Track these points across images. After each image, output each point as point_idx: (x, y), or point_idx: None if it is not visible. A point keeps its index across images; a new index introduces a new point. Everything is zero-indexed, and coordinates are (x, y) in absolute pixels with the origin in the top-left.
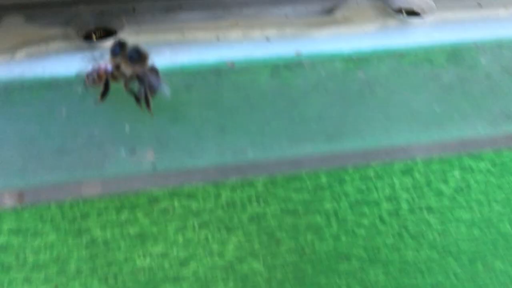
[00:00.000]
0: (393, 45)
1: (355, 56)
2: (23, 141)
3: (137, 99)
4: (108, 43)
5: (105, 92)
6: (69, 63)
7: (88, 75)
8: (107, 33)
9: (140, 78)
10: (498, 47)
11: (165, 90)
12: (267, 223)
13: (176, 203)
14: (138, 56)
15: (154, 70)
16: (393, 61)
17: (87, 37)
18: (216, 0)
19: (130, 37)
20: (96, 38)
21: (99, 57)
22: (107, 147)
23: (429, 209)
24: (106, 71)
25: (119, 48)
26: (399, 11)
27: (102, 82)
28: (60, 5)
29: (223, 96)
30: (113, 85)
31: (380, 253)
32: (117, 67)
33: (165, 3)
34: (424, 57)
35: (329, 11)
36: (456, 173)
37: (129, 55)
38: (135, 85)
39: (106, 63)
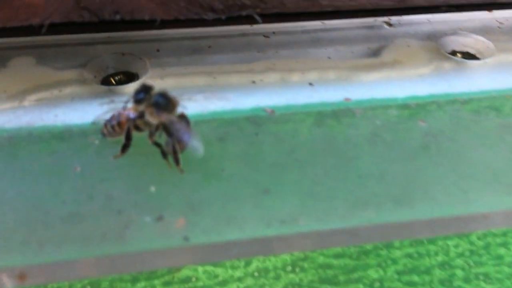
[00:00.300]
0: (451, 91)
1: (411, 103)
2: (28, 204)
3: (164, 154)
4: (130, 88)
5: (126, 145)
6: (85, 110)
7: (107, 124)
8: (128, 77)
9: (167, 129)
10: None
11: (196, 144)
12: None
13: (200, 271)
14: (166, 103)
15: (184, 120)
16: (454, 108)
17: (105, 82)
18: (248, 40)
19: (154, 81)
20: (116, 83)
21: (119, 103)
22: (128, 212)
23: (486, 276)
24: (128, 120)
25: (144, 94)
26: (453, 53)
27: (123, 133)
28: (75, 45)
29: (264, 149)
30: (135, 136)
31: None
32: (141, 115)
33: (192, 43)
34: (488, 104)
35: (376, 52)
36: None
37: (155, 102)
38: (162, 137)
39: (128, 110)
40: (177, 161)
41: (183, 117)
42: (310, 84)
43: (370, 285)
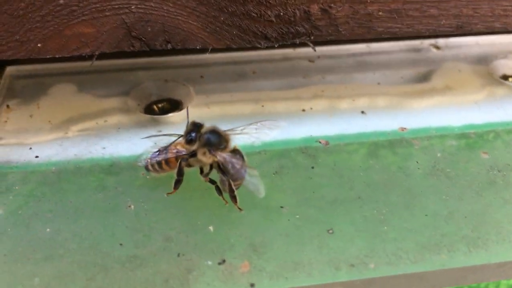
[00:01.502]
0: (508, 118)
1: (469, 132)
2: (84, 246)
3: (219, 190)
4: (175, 117)
5: (179, 180)
6: (132, 141)
7: (153, 161)
8: (172, 104)
9: (222, 168)
10: None
11: (257, 185)
12: None
13: None
14: (218, 141)
15: (238, 154)
16: None
17: (149, 109)
18: (293, 64)
19: (200, 109)
20: (159, 110)
21: (165, 137)
22: (189, 255)
23: None
24: (177, 157)
25: (196, 133)
26: (505, 78)
27: (173, 170)
28: (115, 71)
29: (321, 183)
30: (187, 171)
31: None
32: (193, 154)
33: (236, 68)
34: None
35: (426, 77)
36: None
37: (207, 141)
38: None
39: (175, 147)
40: (234, 200)
41: (236, 151)
42: (362, 112)
43: None
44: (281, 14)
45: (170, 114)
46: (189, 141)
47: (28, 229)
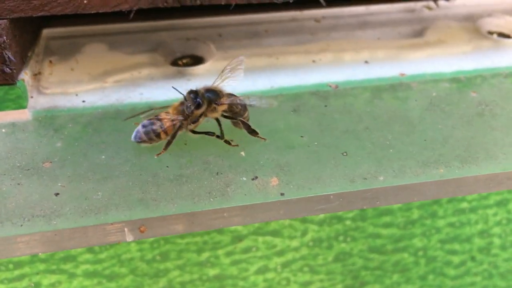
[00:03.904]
0: (493, 65)
1: (460, 76)
2: (136, 169)
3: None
4: (199, 69)
5: (170, 143)
6: (165, 88)
7: (149, 133)
8: (194, 60)
9: (229, 113)
10: None
11: (265, 102)
12: (352, 261)
13: (260, 241)
14: (216, 94)
15: (232, 96)
16: (499, 81)
17: (175, 65)
18: (300, 25)
19: (220, 63)
20: (184, 66)
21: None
22: (226, 174)
23: None
24: (175, 124)
25: (200, 98)
26: (490, 33)
27: (170, 136)
28: (140, 32)
29: (334, 118)
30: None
31: None
32: (199, 117)
33: (250, 28)
34: None
35: (420, 33)
36: None
37: (209, 99)
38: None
39: (167, 115)
40: (255, 133)
41: (229, 94)
42: (366, 62)
43: (415, 253)
44: None
45: (194, 67)
46: (198, 106)
47: (86, 157)
